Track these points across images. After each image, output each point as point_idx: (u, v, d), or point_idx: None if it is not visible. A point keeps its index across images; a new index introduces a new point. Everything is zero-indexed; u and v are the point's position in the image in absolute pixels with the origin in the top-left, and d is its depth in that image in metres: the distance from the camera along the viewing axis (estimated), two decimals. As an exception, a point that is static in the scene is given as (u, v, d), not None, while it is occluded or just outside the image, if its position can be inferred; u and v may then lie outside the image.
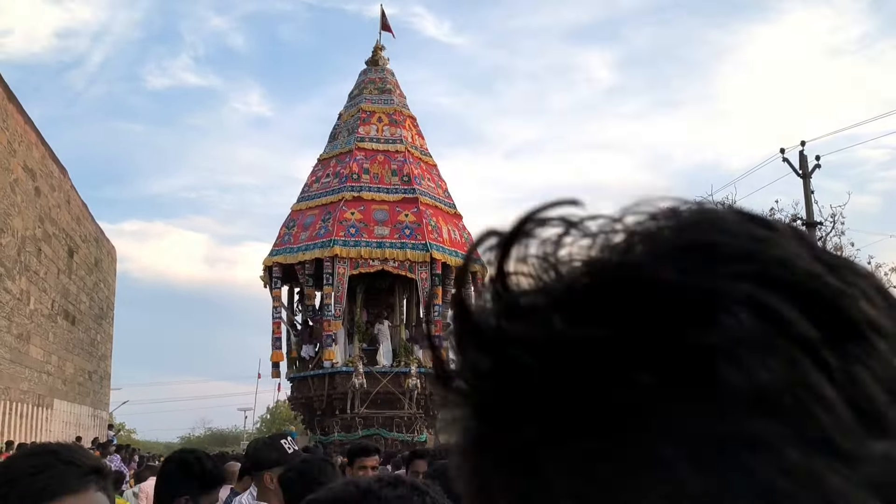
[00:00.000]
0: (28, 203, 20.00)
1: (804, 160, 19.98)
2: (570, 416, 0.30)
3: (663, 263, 0.30)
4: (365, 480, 1.20)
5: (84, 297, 26.15)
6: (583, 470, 0.30)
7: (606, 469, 0.29)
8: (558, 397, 0.30)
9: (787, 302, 0.28)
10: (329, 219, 20.24)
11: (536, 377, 0.31)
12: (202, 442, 60.79)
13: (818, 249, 0.31)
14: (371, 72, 23.58)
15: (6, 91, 18.64)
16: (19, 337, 19.45)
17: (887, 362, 0.29)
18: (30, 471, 1.36)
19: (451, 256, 20.42)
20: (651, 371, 0.29)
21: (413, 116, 23.27)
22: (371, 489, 1.16)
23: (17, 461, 1.42)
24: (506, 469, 0.32)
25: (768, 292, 0.29)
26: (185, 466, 2.70)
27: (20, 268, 19.37)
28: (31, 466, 1.36)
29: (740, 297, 0.29)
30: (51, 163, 22.34)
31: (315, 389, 19.91)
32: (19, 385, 19.61)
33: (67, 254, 23.95)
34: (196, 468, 2.68)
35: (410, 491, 1.17)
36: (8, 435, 18.13)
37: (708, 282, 0.29)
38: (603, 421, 0.29)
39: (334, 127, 23.31)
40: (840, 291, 0.29)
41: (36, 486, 1.34)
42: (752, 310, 0.28)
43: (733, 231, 0.32)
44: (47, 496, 1.33)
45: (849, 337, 0.29)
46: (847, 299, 0.29)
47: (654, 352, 0.29)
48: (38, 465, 1.37)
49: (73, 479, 1.37)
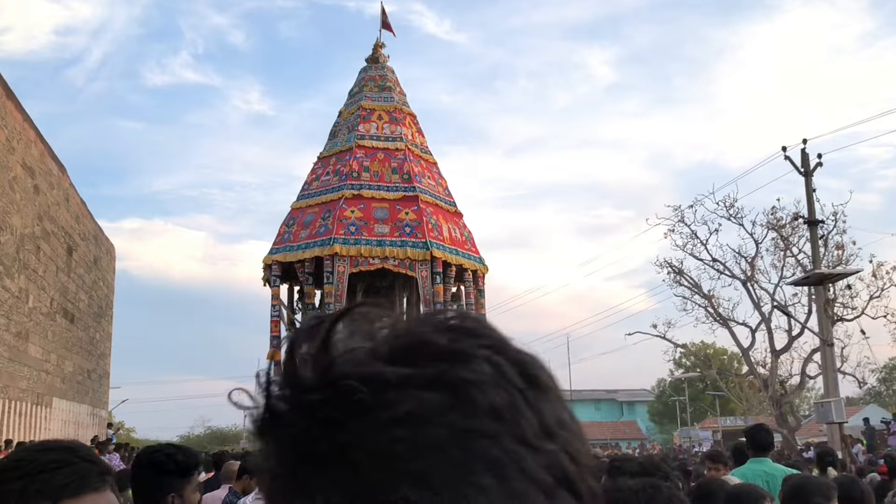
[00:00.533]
0: (27, 201, 19.93)
1: (806, 158, 19.95)
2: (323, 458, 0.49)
3: (439, 334, 0.51)
4: None
5: (83, 295, 26.08)
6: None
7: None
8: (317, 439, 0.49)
9: (507, 363, 0.51)
10: (329, 217, 20.18)
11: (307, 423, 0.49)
12: (202, 440, 60.78)
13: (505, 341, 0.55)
14: (371, 69, 23.52)
15: (5, 88, 18.57)
16: (18, 335, 19.39)
17: (552, 403, 0.52)
18: (51, 465, 1.34)
19: (451, 255, 20.36)
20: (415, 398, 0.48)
21: (413, 114, 23.21)
22: None
23: (36, 455, 1.37)
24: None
25: (497, 355, 0.51)
26: (158, 466, 2.65)
27: (19, 266, 19.30)
28: (51, 461, 1.35)
29: (482, 355, 0.50)
30: (50, 160, 22.27)
31: (315, 388, 19.87)
32: (18, 383, 19.54)
33: (66, 252, 23.89)
34: (170, 465, 2.65)
35: None
36: (7, 433, 18.07)
37: (466, 346, 0.51)
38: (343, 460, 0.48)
39: (334, 124, 23.25)
40: (525, 362, 0.52)
41: (57, 482, 1.32)
42: (488, 363, 0.50)
43: (483, 324, 0.54)
44: (69, 493, 1.32)
45: (534, 386, 0.51)
46: (529, 367, 0.52)
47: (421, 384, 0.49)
48: (59, 460, 1.35)
49: (94, 477, 1.36)
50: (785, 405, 23.25)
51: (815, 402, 20.18)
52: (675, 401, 54.40)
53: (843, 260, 22.28)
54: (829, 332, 19.53)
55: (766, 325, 23.50)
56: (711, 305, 24.36)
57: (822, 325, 19.55)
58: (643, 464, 3.44)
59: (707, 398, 52.52)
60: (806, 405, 42.81)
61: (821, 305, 19.65)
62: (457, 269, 20.73)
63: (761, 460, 5.49)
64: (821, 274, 18.53)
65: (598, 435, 53.96)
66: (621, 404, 70.07)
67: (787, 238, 23.02)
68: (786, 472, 5.48)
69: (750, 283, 23.56)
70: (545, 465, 0.49)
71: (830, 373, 18.98)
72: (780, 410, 23.03)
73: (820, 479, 3.87)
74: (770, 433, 5.80)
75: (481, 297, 21.92)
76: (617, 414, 68.89)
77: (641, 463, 3.33)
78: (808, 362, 22.91)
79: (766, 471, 5.28)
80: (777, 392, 23.03)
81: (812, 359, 22.55)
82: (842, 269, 20.38)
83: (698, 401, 54.36)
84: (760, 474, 5.16)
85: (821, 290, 19.61)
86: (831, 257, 22.15)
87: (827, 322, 19.61)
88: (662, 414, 61.52)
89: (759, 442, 5.59)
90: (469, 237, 21.93)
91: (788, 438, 22.92)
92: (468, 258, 21.17)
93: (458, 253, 20.76)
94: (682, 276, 24.90)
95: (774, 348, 23.34)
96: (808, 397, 41.56)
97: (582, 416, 60.12)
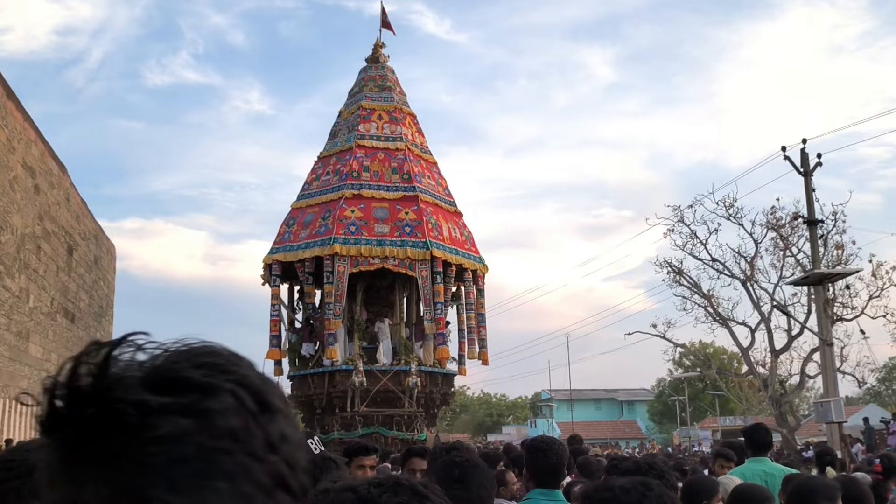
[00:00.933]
0: (27, 200, 19.95)
1: (805, 158, 19.97)
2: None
3: (192, 368, 0.66)
4: (363, 486, 1.15)
5: (84, 294, 26.10)
6: None
7: None
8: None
9: (246, 393, 0.67)
10: (329, 217, 20.19)
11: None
12: (202, 440, 60.86)
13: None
14: (371, 69, 23.52)
15: (5, 88, 18.58)
16: (19, 335, 19.41)
17: (278, 423, 0.69)
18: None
19: (451, 254, 20.38)
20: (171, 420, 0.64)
21: (413, 114, 23.21)
22: (370, 497, 1.12)
23: (31, 454, 1.36)
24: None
25: (239, 388, 0.66)
26: None
27: (19, 265, 19.32)
28: None
29: (227, 388, 0.66)
30: (50, 160, 22.28)
31: (315, 388, 19.87)
32: (19, 383, 19.56)
33: (67, 251, 23.90)
34: None
35: (411, 496, 1.14)
36: (7, 433, 18.10)
37: (215, 380, 0.66)
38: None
39: (334, 124, 23.25)
40: (261, 390, 0.69)
41: None
42: (231, 395, 0.66)
43: (231, 360, 0.70)
44: None
45: (266, 411, 0.68)
46: (263, 395, 0.69)
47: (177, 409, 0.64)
48: None
49: None
50: (784, 405, 23.28)
51: (815, 401, 20.21)
52: (674, 400, 54.45)
53: (843, 260, 22.31)
54: (828, 331, 19.56)
55: (766, 324, 23.53)
56: (711, 305, 24.39)
57: (822, 325, 19.58)
58: (638, 463, 3.47)
59: (707, 398, 52.55)
60: (805, 405, 42.87)
61: (820, 305, 19.68)
62: (457, 269, 20.74)
63: (760, 460, 5.51)
64: (820, 274, 18.56)
65: (597, 434, 53.97)
66: (621, 404, 70.12)
67: (787, 238, 23.05)
68: (785, 471, 5.50)
69: (749, 282, 23.59)
70: (268, 472, 0.67)
71: (830, 372, 19.01)
72: (779, 410, 23.05)
73: (825, 480, 3.88)
74: (769, 432, 5.82)
75: (481, 296, 21.93)
76: (617, 413, 68.93)
77: (636, 462, 3.36)
78: (807, 362, 22.95)
79: (765, 470, 5.30)
80: (777, 392, 23.05)
81: (811, 358, 22.58)
82: (841, 269, 20.40)
83: (698, 400, 54.41)
84: (759, 474, 5.18)
85: (820, 290, 19.63)
86: (831, 257, 22.18)
87: (826, 322, 19.64)
88: (662, 413, 61.58)
89: (757, 441, 5.61)
90: (469, 237, 21.94)
91: (788, 438, 22.95)
92: (468, 258, 21.18)
93: (458, 253, 20.77)
94: (682, 276, 24.94)
95: (774, 348, 23.37)
96: (808, 397, 41.61)
97: (582, 415, 60.35)
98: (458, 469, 2.32)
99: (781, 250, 23.28)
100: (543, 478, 3.63)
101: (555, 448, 3.64)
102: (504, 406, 74.65)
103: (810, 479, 3.99)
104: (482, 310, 21.90)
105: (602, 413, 67.91)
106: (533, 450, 3.68)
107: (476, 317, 21.63)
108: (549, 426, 52.44)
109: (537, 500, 3.58)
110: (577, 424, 47.38)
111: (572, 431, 9.08)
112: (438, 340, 20.07)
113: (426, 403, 20.23)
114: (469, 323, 21.57)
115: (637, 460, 3.52)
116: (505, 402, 75.04)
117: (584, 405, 64.18)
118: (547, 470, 3.62)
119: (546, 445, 3.65)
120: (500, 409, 73.75)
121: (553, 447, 3.65)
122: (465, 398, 69.72)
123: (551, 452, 3.61)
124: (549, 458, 3.60)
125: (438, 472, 2.35)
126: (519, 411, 73.06)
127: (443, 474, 2.27)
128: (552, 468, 3.63)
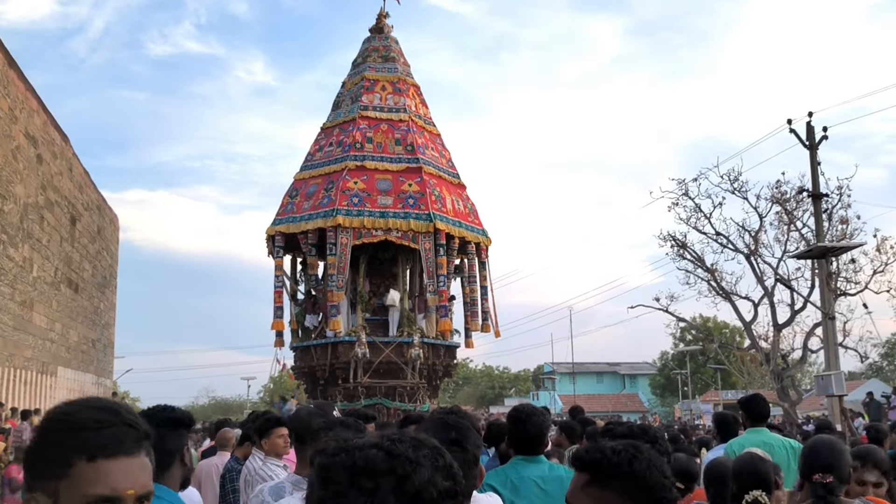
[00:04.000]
0: (30, 170, 19.94)
1: (811, 132, 19.85)
2: None
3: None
4: (386, 441, 1.15)
5: (87, 265, 26.16)
6: None
7: None
8: None
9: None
10: (332, 188, 20.15)
11: None
12: (206, 410, 61.32)
13: None
14: (375, 40, 23.35)
15: (7, 58, 18.50)
16: (23, 304, 19.49)
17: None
18: (94, 425, 1.39)
19: (454, 227, 20.35)
20: None
21: (417, 85, 23.07)
22: (398, 452, 1.12)
23: (81, 412, 1.43)
24: None
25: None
26: (175, 422, 2.90)
27: (23, 235, 19.35)
28: (95, 421, 1.40)
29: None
30: (53, 130, 22.24)
31: (318, 359, 19.95)
32: (23, 352, 19.68)
33: (70, 222, 23.93)
34: (181, 420, 2.94)
35: (432, 450, 1.16)
36: (12, 402, 18.23)
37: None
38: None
39: (337, 95, 23.13)
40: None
41: (98, 441, 1.37)
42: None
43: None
44: (106, 453, 1.37)
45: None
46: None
47: None
48: (103, 420, 1.41)
49: (131, 441, 1.42)
50: (786, 379, 23.31)
51: (816, 375, 20.22)
52: (676, 374, 54.64)
53: (848, 234, 22.20)
54: (831, 305, 19.54)
55: (769, 298, 23.49)
56: (714, 279, 24.33)
57: (825, 299, 19.56)
58: (632, 427, 3.49)
59: (708, 371, 52.72)
60: (808, 379, 42.95)
61: (823, 279, 19.64)
62: (460, 242, 20.72)
63: (759, 430, 5.51)
64: (824, 247, 18.50)
65: (599, 407, 54.25)
66: (623, 377, 70.42)
67: (792, 212, 22.93)
68: (784, 441, 5.51)
69: (753, 256, 23.52)
70: None
71: (832, 346, 19.01)
72: (781, 384, 23.09)
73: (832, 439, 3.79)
74: (766, 402, 5.81)
75: (484, 269, 21.94)
76: (619, 387, 69.24)
77: (630, 427, 3.37)
78: (810, 336, 22.93)
79: (763, 440, 5.30)
80: (779, 366, 23.07)
81: (814, 333, 22.56)
82: (845, 244, 20.32)
83: (700, 374, 54.60)
84: (759, 444, 5.18)
85: (823, 264, 19.59)
86: (835, 231, 22.08)
87: (829, 296, 19.61)
88: (664, 387, 61.84)
89: (755, 411, 5.61)
90: (472, 209, 21.89)
91: (789, 412, 23.01)
92: (471, 230, 21.15)
93: (461, 225, 20.74)
94: (686, 250, 24.86)
95: (777, 322, 23.35)
96: (810, 372, 41.68)
97: (584, 388, 60.59)
98: (455, 430, 2.37)
99: (786, 224, 23.17)
100: (523, 446, 3.73)
101: (534, 419, 3.72)
102: (506, 379, 74.98)
103: (819, 437, 3.93)
104: (485, 282, 21.92)
105: (604, 386, 68.20)
106: (513, 420, 3.76)
107: (479, 289, 21.67)
108: (551, 399, 52.69)
109: (517, 463, 3.71)
110: (579, 398, 47.58)
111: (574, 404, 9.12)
112: (441, 313, 20.11)
113: (428, 375, 20.31)
114: (472, 296, 21.61)
115: (631, 426, 3.52)
116: (507, 375, 75.38)
117: (586, 378, 64.43)
118: (526, 439, 3.72)
119: (525, 416, 3.73)
120: (502, 382, 74.10)
121: (532, 418, 3.72)
122: (468, 370, 70.01)
123: (530, 423, 3.69)
124: (528, 428, 3.70)
125: (437, 433, 2.37)
126: (521, 384, 73.39)
127: (441, 436, 2.29)
128: (531, 437, 3.71)
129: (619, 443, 1.78)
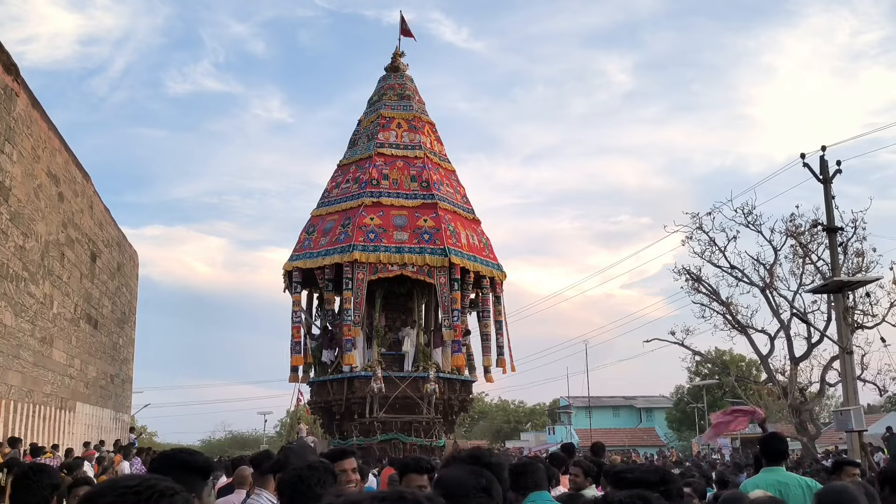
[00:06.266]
0: (51, 208, 20.25)
1: (825, 165, 19.86)
2: None
3: None
4: (366, 501, 1.16)
5: (106, 301, 26.40)
6: None
7: None
8: None
9: None
10: (348, 224, 20.36)
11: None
12: (223, 445, 61.16)
13: None
14: (390, 78, 23.70)
15: (30, 97, 18.88)
16: (42, 340, 19.68)
17: None
18: (168, 492, 1.49)
19: (469, 261, 20.48)
20: None
21: (432, 122, 23.36)
22: None
23: (152, 483, 1.52)
24: None
25: None
26: (184, 465, 2.88)
27: (44, 272, 19.60)
28: (168, 489, 1.49)
29: None
30: (74, 168, 22.60)
31: (334, 394, 20.01)
32: (42, 388, 19.83)
33: (90, 258, 24.21)
34: (194, 465, 2.90)
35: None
36: (31, 437, 18.34)
37: None
38: None
39: (354, 133, 23.44)
40: None
41: None
42: None
43: None
44: None
45: None
46: None
47: None
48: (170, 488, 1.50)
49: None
50: (804, 413, 23.12)
51: (834, 410, 20.04)
52: (693, 408, 54.11)
53: (864, 267, 22.13)
54: (848, 339, 19.43)
55: (785, 332, 23.38)
56: (730, 312, 24.26)
57: (842, 333, 19.46)
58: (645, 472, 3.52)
59: (725, 405, 52.18)
60: (826, 413, 42.48)
61: (839, 313, 19.57)
62: (475, 276, 20.84)
63: (775, 469, 5.54)
64: (840, 281, 18.45)
65: (615, 442, 53.68)
66: (639, 411, 69.74)
67: (806, 245, 22.91)
68: (801, 480, 5.54)
69: (769, 290, 23.46)
70: None
71: (850, 381, 18.88)
72: (799, 418, 22.90)
73: (856, 491, 3.82)
74: (784, 441, 5.85)
75: (499, 303, 22.00)
76: (635, 421, 68.57)
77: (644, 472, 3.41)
78: (827, 370, 22.77)
79: (779, 479, 5.33)
80: (796, 400, 22.90)
81: (832, 366, 22.41)
82: (861, 277, 20.26)
83: (717, 408, 54.02)
84: (774, 483, 5.22)
85: (840, 298, 19.52)
86: (851, 264, 22.02)
87: (846, 330, 19.51)
88: (681, 421, 61.19)
89: (772, 450, 5.64)
90: (487, 244, 22.02)
91: (808, 446, 22.80)
92: (486, 265, 21.27)
93: (476, 259, 20.86)
94: (701, 283, 24.83)
95: (794, 356, 23.22)
96: (828, 405, 41.28)
97: (600, 422, 60.09)
98: (485, 478, 2.34)
99: (801, 258, 23.12)
100: (526, 492, 4.13)
101: (532, 470, 4.18)
102: (522, 413, 74.44)
103: (833, 485, 3.98)
104: (499, 317, 21.96)
105: (620, 420, 67.57)
106: (514, 475, 4.06)
107: (494, 324, 21.72)
108: (567, 433, 52.28)
109: None
110: (595, 432, 47.21)
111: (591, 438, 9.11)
112: (454, 348, 20.15)
113: (444, 410, 20.30)
114: (485, 330, 21.66)
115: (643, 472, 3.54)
116: (523, 409, 74.84)
117: (602, 412, 63.88)
118: (530, 486, 4.11)
119: (523, 469, 4.18)
120: (518, 416, 73.56)
121: (529, 470, 4.18)
122: (483, 405, 69.61)
123: (528, 477, 4.12)
124: (527, 480, 4.11)
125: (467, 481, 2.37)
126: (537, 418, 72.83)
127: (472, 482, 2.31)
128: (534, 485, 4.12)
129: (626, 494, 1.85)
